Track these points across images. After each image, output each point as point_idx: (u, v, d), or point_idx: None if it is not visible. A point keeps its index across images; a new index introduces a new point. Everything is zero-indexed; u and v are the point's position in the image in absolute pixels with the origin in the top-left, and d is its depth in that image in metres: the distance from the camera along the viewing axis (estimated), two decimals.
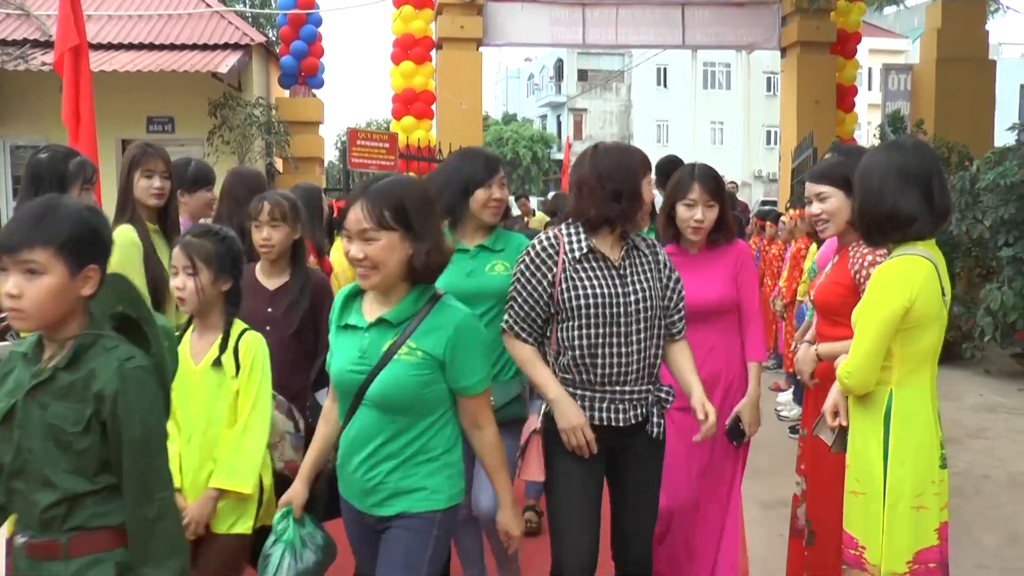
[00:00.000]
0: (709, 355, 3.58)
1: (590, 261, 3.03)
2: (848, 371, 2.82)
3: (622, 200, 2.98)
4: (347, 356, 2.57)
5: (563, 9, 14.90)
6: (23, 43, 11.49)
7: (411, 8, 13.85)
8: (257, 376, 3.00)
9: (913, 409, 2.83)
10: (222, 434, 2.97)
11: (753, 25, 15.23)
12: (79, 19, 6.23)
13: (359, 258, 2.43)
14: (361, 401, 2.53)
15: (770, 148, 45.51)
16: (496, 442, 2.64)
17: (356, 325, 2.58)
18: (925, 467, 2.80)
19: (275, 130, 12.44)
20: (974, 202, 8.86)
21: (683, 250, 3.69)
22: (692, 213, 3.56)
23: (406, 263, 2.46)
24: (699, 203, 3.55)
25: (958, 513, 4.67)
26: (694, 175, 3.61)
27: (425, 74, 13.96)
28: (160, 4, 13.19)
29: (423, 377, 2.49)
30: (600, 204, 2.98)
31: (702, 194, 3.56)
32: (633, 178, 3.02)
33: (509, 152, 46.42)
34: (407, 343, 2.49)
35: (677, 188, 3.62)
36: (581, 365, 3.00)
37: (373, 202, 2.42)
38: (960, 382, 8.43)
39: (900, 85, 14.74)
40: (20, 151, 12.05)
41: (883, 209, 2.80)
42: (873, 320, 2.78)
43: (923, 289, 2.75)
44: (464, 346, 2.53)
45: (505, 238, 3.60)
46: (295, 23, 13.08)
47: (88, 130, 6.00)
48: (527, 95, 57.48)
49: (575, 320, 2.99)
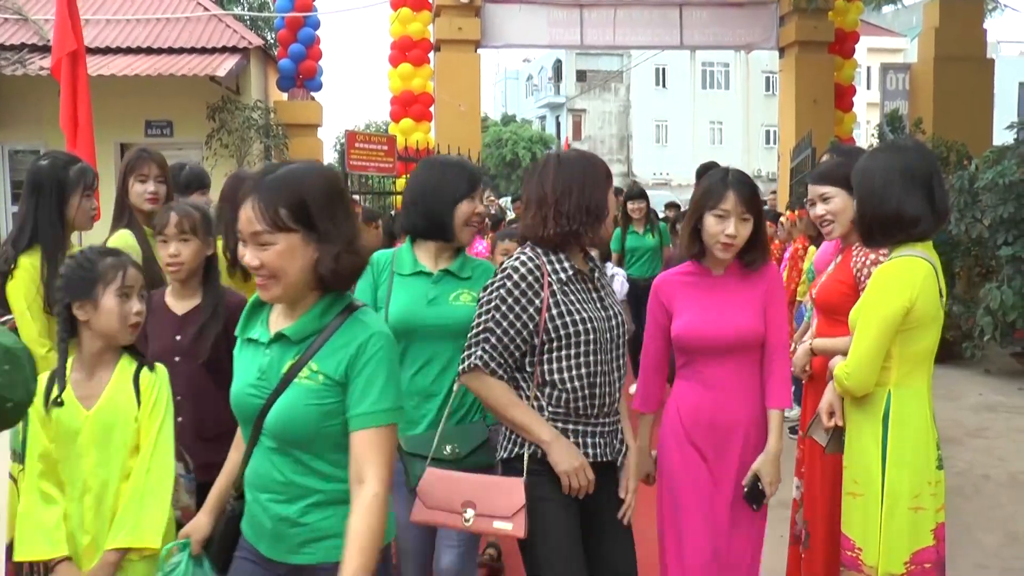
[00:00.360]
0: (725, 399, 3.05)
1: (575, 283, 2.79)
2: (848, 372, 2.82)
3: (591, 214, 2.75)
4: (246, 375, 2.17)
5: (561, 10, 14.89)
6: (21, 48, 11.50)
7: (409, 10, 13.85)
8: (159, 414, 2.63)
9: (911, 410, 2.83)
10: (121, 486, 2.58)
11: (751, 25, 15.23)
12: (76, 24, 6.23)
13: (254, 266, 2.04)
14: (261, 430, 2.13)
15: (769, 148, 45.52)
16: (377, 509, 1.98)
17: (258, 339, 2.18)
18: (922, 468, 2.81)
19: (273, 133, 12.44)
20: (973, 201, 8.85)
21: (704, 270, 3.12)
22: (723, 226, 2.96)
23: (311, 269, 2.05)
24: (732, 215, 2.96)
25: (958, 513, 4.67)
26: (727, 181, 3.03)
27: (423, 76, 13.96)
28: (158, 8, 13.20)
29: (325, 406, 2.04)
30: (572, 219, 2.72)
31: (736, 204, 2.97)
32: (601, 190, 2.79)
33: (508, 153, 46.40)
34: (308, 364, 2.07)
35: (707, 196, 3.04)
36: (581, 398, 2.74)
37: (266, 199, 2.01)
38: (960, 381, 8.42)
39: (898, 84, 14.74)
40: (19, 155, 12.06)
41: (887, 210, 2.81)
42: (874, 321, 2.79)
43: (923, 290, 2.76)
44: (364, 366, 2.04)
45: (472, 264, 3.19)
46: (293, 26, 13.08)
47: (86, 135, 6.00)
48: (526, 96, 57.49)
49: (571, 349, 2.72)
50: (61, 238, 3.57)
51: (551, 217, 2.73)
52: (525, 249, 2.81)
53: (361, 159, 11.18)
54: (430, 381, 3.03)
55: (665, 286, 3.17)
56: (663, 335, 3.16)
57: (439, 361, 3.03)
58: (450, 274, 3.10)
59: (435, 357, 3.03)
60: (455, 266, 3.11)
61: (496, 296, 2.71)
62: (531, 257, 2.75)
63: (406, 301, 2.97)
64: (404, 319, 2.98)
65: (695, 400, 3.08)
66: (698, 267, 3.13)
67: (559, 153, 2.91)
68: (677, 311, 3.10)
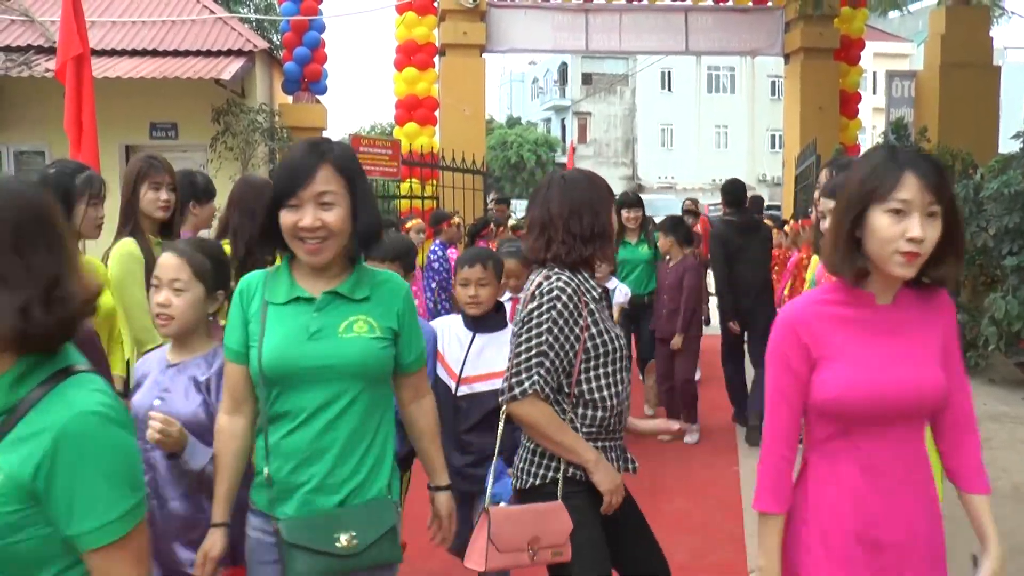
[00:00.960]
0: (900, 492, 2.11)
1: (600, 302, 2.83)
2: None
3: (599, 235, 2.79)
4: None
5: (566, 15, 14.89)
6: (27, 49, 11.51)
7: (414, 14, 13.86)
8: None
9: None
10: None
11: (756, 31, 15.21)
12: (82, 28, 6.24)
13: None
14: None
15: (774, 152, 45.51)
16: None
17: None
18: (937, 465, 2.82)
19: (278, 136, 12.44)
20: (978, 210, 8.84)
21: (865, 298, 2.12)
22: (904, 226, 1.98)
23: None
24: (915, 208, 1.98)
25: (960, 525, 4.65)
26: (901, 161, 2.02)
27: (428, 80, 13.96)
28: (163, 11, 13.21)
29: (7, 517, 1.47)
30: (584, 241, 2.77)
31: (922, 193, 1.97)
32: (607, 210, 2.83)
33: (513, 156, 46.44)
34: None
35: (870, 185, 2.02)
36: (614, 416, 2.79)
37: None
38: None
39: (904, 91, 14.72)
40: (24, 157, 12.07)
41: None
42: None
43: None
44: (71, 467, 1.48)
45: (373, 281, 2.48)
46: (298, 29, 13.08)
47: (90, 138, 6.01)
48: (531, 98, 57.52)
49: (607, 367, 2.76)
50: None
51: (559, 240, 2.76)
52: (555, 271, 2.77)
53: (365, 163, 11.05)
54: (312, 438, 2.36)
55: (808, 320, 2.14)
56: (800, 394, 2.15)
57: (328, 411, 2.36)
58: (339, 297, 2.42)
59: (323, 407, 2.36)
60: (346, 286, 2.43)
61: (548, 319, 2.66)
62: (569, 279, 2.73)
63: (280, 338, 2.37)
64: (277, 362, 2.35)
65: (857, 494, 2.11)
66: (852, 293, 2.13)
67: (563, 174, 2.90)
68: (827, 358, 2.11)
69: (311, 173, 2.31)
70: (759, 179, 49.69)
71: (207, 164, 11.87)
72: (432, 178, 12.90)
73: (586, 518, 2.74)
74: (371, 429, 2.42)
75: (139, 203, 3.96)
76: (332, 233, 2.32)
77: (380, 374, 2.44)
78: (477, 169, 13.13)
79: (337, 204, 2.33)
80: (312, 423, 2.36)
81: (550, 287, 2.70)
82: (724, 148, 51.08)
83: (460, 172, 12.71)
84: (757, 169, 49.61)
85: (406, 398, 2.62)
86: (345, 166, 2.36)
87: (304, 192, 2.31)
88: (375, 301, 2.46)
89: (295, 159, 2.35)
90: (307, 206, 2.31)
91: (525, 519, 2.70)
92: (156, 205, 3.93)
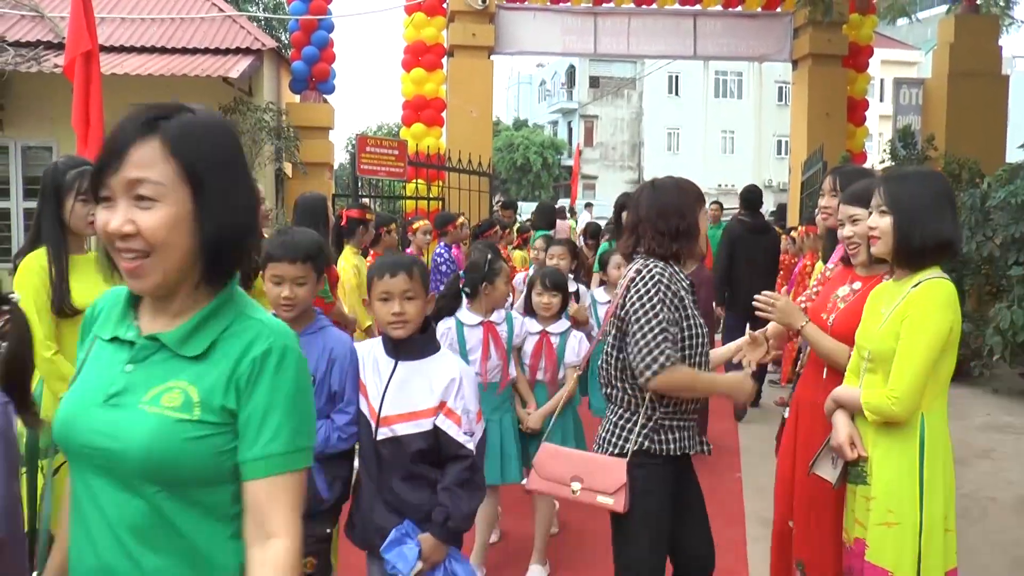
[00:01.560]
0: None
1: (690, 292, 3.14)
2: (897, 396, 2.76)
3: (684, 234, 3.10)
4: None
5: (575, 18, 14.88)
6: (36, 44, 11.52)
7: (423, 15, 13.87)
8: None
9: (939, 433, 2.84)
10: None
11: (765, 37, 15.19)
12: (91, 24, 6.25)
13: None
14: None
15: (781, 157, 45.45)
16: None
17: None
18: (951, 489, 2.83)
19: (285, 135, 12.44)
20: (984, 220, 8.82)
21: None
22: None
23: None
24: None
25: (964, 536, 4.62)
26: None
27: (436, 81, 13.96)
28: (172, 8, 13.22)
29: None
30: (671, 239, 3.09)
31: None
32: (692, 211, 3.13)
33: (519, 158, 46.42)
34: None
35: None
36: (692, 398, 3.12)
37: None
38: (968, 401, 8.38)
39: (912, 99, 14.67)
40: (31, 152, 12.08)
41: (937, 234, 2.84)
42: (922, 343, 2.75)
43: (956, 312, 2.78)
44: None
45: (225, 324, 1.63)
46: (307, 28, 13.10)
47: (97, 135, 6.03)
48: (538, 101, 57.52)
49: (695, 355, 3.08)
50: (61, 240, 3.61)
51: (648, 236, 3.09)
52: (650, 260, 3.09)
53: (372, 163, 11.20)
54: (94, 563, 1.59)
55: None
56: None
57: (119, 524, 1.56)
58: (161, 348, 1.62)
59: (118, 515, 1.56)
60: (177, 332, 1.61)
61: (659, 299, 2.98)
62: (664, 267, 3.06)
63: (76, 394, 1.65)
64: (60, 429, 1.63)
65: None
66: None
67: (653, 180, 3.25)
68: None
69: (123, 151, 1.53)
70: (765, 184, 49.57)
71: None
72: (438, 179, 12.91)
73: (657, 487, 3.07)
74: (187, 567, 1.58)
75: None
76: (150, 246, 1.53)
77: (182, 476, 1.55)
78: (483, 171, 13.14)
79: (161, 201, 1.53)
80: (99, 538, 1.58)
81: (651, 273, 3.03)
82: (730, 153, 51.04)
83: (466, 174, 12.72)
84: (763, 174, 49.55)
85: (247, 528, 1.60)
86: (183, 144, 1.56)
87: (113, 179, 1.54)
88: (212, 361, 1.60)
89: (113, 129, 1.59)
90: (119, 200, 1.54)
91: (572, 459, 3.16)
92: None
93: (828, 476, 3.08)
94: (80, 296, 3.58)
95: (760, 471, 6.02)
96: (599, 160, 50.16)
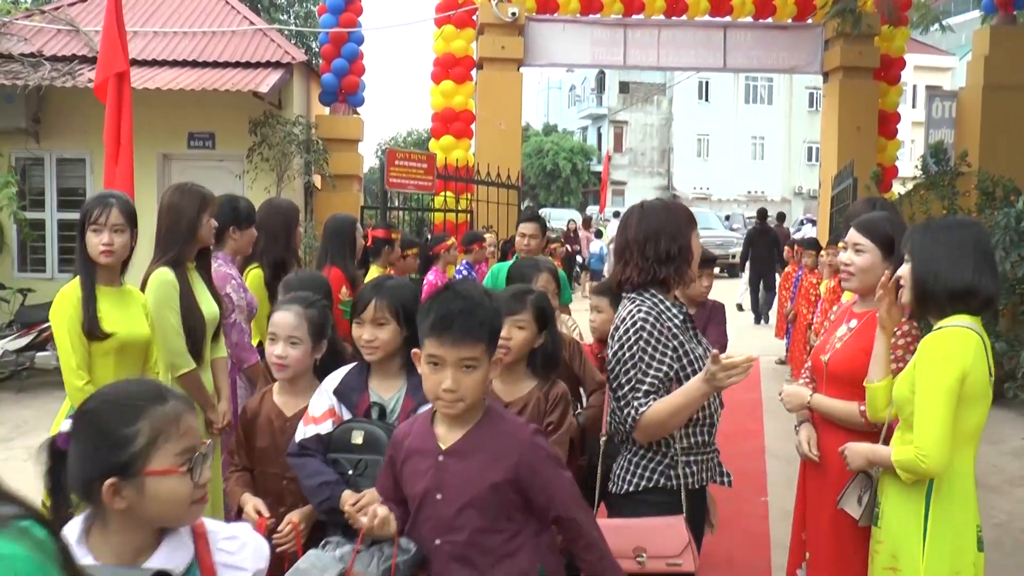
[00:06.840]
0: None
1: (684, 325, 3.03)
2: (925, 452, 2.70)
3: (675, 258, 2.98)
4: None
5: (605, 30, 14.84)
6: (71, 59, 11.67)
7: (453, 28, 13.90)
8: None
9: (954, 489, 2.78)
10: None
11: (795, 49, 15.08)
12: (124, 46, 6.34)
13: None
14: None
15: (811, 164, 45.13)
16: None
17: None
18: (964, 548, 2.77)
19: (314, 148, 12.52)
20: (1019, 239, 8.69)
21: None
22: None
23: None
24: None
25: (995, 569, 4.56)
26: None
27: (465, 94, 13.99)
28: (204, 22, 13.34)
29: None
30: (660, 264, 2.97)
31: None
32: (683, 234, 3.01)
33: (549, 163, 46.45)
34: None
35: None
36: (707, 430, 3.05)
37: None
38: (1001, 424, 8.25)
39: (944, 112, 14.47)
40: (65, 164, 12.24)
41: (959, 283, 2.79)
42: (938, 393, 2.70)
43: (975, 361, 2.72)
44: None
45: None
46: (337, 41, 13.17)
47: (127, 153, 6.18)
48: (568, 106, 57.52)
49: None
50: (87, 268, 3.77)
51: (633, 262, 2.98)
52: (636, 301, 2.98)
53: (400, 177, 11.23)
54: None
55: None
56: None
57: None
58: None
59: None
60: None
61: (638, 349, 2.89)
62: (650, 308, 2.94)
63: None
64: None
65: None
66: None
67: (643, 203, 3.13)
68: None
69: None
70: (795, 191, 49.29)
71: (243, 175, 11.96)
72: (467, 192, 12.92)
73: None
74: None
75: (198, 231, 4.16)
76: None
77: None
78: (512, 184, 13.13)
79: None
80: None
81: (633, 319, 2.93)
82: (760, 159, 50.79)
83: (495, 187, 12.72)
84: (793, 181, 49.23)
85: None
86: None
87: None
88: None
89: None
90: None
91: (630, 530, 2.96)
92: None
93: (854, 512, 3.07)
94: (110, 322, 3.76)
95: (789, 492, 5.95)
96: (628, 166, 50.06)
